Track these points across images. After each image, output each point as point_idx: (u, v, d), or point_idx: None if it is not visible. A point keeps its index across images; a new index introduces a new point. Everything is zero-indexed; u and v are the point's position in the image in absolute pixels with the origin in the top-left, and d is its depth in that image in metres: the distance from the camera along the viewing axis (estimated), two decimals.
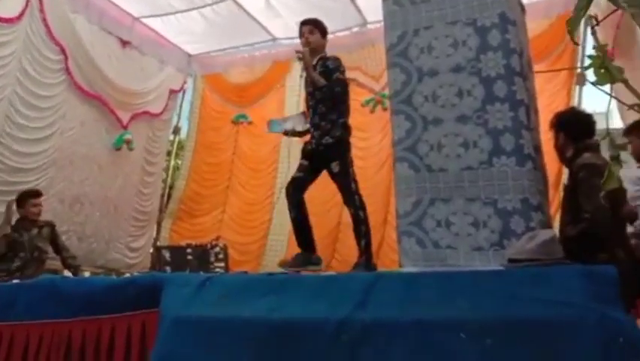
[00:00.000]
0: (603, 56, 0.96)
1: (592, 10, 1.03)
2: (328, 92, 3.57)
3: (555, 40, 5.96)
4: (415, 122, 2.50)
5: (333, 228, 7.14)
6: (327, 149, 3.64)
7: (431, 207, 2.42)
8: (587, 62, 1.12)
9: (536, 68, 3.05)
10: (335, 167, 3.63)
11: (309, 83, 3.69)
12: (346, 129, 3.70)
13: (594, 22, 1.05)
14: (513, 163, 2.29)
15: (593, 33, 1.11)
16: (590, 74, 1.06)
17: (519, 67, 2.37)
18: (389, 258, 6.45)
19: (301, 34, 3.81)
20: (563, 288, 1.69)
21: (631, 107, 1.04)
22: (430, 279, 2.04)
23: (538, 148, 2.47)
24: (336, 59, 3.70)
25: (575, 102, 5.88)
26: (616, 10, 0.93)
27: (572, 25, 1.02)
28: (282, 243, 7.38)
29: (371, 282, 2.08)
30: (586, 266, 1.90)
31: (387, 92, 6.61)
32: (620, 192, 2.58)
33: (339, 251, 7.07)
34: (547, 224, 2.35)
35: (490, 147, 2.33)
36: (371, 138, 7.09)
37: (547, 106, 4.87)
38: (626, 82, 1.03)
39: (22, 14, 5.54)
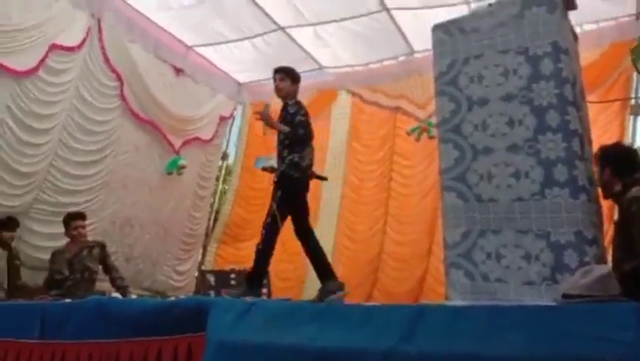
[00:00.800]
0: None
1: None
2: (291, 135, 3.91)
3: (607, 69, 5.81)
4: (464, 151, 2.46)
5: (375, 257, 7.07)
6: (275, 185, 4.02)
7: (481, 238, 2.36)
8: None
9: (588, 98, 2.97)
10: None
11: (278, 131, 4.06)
12: (294, 167, 3.96)
13: None
14: (566, 195, 2.22)
15: None
16: None
17: (572, 96, 2.31)
18: (434, 291, 6.31)
19: (274, 80, 4.16)
20: (618, 325, 1.61)
21: None
22: (479, 312, 1.98)
23: (592, 180, 2.39)
24: (296, 104, 4.05)
25: (629, 133, 5.68)
26: None
27: (637, 53, 0.99)
28: None
29: (417, 314, 2.03)
30: None
31: (433, 120, 6.60)
32: None
33: (381, 281, 6.97)
34: (602, 258, 2.25)
35: (542, 178, 2.27)
36: (416, 166, 7.04)
37: (600, 137, 4.71)
38: None
39: (82, 43, 5.85)
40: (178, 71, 6.99)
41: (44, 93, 5.54)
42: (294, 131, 3.91)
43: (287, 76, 4.18)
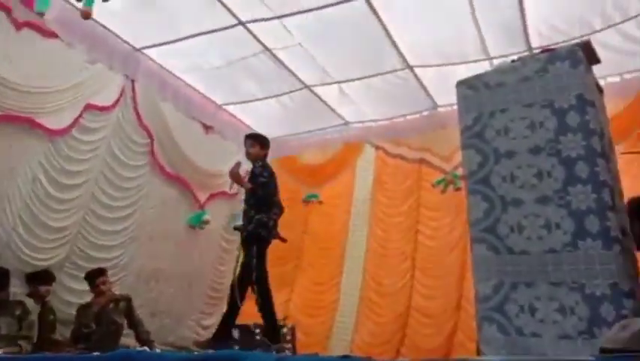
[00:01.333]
0: None
1: None
2: (252, 194, 4.42)
3: (634, 119, 5.80)
4: (494, 203, 2.47)
5: (403, 312, 6.94)
6: (244, 244, 4.49)
7: (513, 291, 2.33)
8: None
9: (616, 149, 2.97)
10: (240, 256, 4.51)
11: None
12: (263, 226, 4.43)
13: None
14: (599, 246, 2.19)
15: None
16: None
17: (600, 148, 2.33)
18: (464, 347, 6.14)
19: (244, 145, 4.80)
20: None
21: None
22: None
23: (625, 231, 2.36)
24: (262, 166, 4.59)
25: None
26: None
27: None
28: (349, 324, 7.24)
29: None
30: None
31: (459, 171, 6.61)
32: None
33: (409, 337, 6.81)
34: None
35: (573, 229, 2.26)
36: (442, 219, 7.01)
37: (631, 188, 4.66)
38: None
39: (116, 103, 6.11)
40: (207, 128, 7.21)
41: (76, 151, 5.74)
42: (255, 191, 4.40)
43: (256, 142, 4.79)
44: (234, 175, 4.53)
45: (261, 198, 4.43)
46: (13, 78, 5.04)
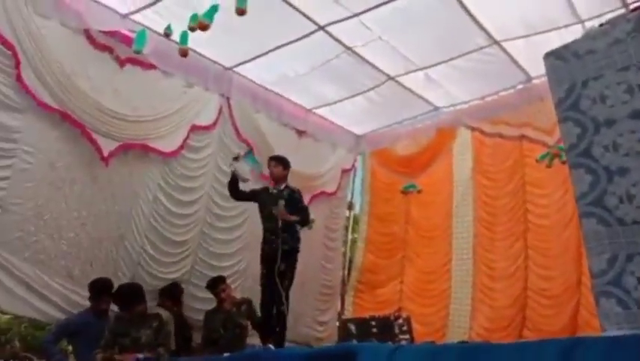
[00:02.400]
0: None
1: None
2: (301, 221, 5.27)
3: None
4: (598, 175, 2.37)
5: (520, 294, 6.72)
6: (287, 254, 5.12)
7: (629, 263, 2.23)
8: None
9: None
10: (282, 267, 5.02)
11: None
12: (299, 241, 5.26)
13: None
14: None
15: None
16: None
17: None
18: (589, 325, 5.83)
19: (269, 166, 5.47)
20: None
21: None
22: (637, 342, 1.86)
23: None
24: (296, 191, 5.37)
25: None
26: None
27: None
28: (464, 311, 7.14)
29: (570, 347, 1.96)
30: None
31: (563, 145, 6.28)
32: None
33: (530, 319, 6.58)
34: None
35: None
36: (552, 195, 6.69)
37: None
38: None
39: (216, 121, 6.55)
40: (300, 132, 7.46)
41: (188, 169, 6.25)
42: (304, 218, 5.30)
43: (279, 163, 5.41)
44: (284, 216, 5.10)
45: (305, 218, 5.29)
46: (124, 110, 5.60)
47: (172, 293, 5.65)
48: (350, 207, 8.71)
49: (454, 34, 5.82)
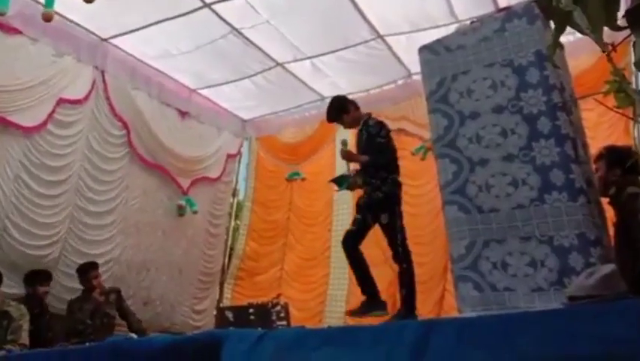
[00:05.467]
0: (621, 79, 0.97)
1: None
2: (374, 159, 4.00)
3: (604, 74, 5.82)
4: (461, 165, 2.51)
5: (392, 280, 7.01)
6: (381, 204, 4.00)
7: (485, 249, 2.38)
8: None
9: (590, 100, 3.01)
10: (384, 219, 3.99)
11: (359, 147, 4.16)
12: (395, 184, 4.06)
13: (609, 49, 1.07)
14: (565, 198, 2.25)
15: (609, 60, 1.12)
16: None
17: (561, 102, 2.36)
18: (454, 309, 6.22)
19: (336, 120, 4.43)
20: (626, 323, 1.61)
21: None
22: (488, 322, 1.98)
23: (590, 181, 2.41)
24: (377, 124, 4.18)
25: (635, 134, 5.68)
26: (629, 36, 0.95)
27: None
28: (340, 296, 7.32)
29: (426, 330, 2.04)
30: None
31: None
32: None
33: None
34: (607, 258, 2.26)
35: (539, 184, 2.30)
36: (424, 186, 7.04)
37: (607, 137, 4.74)
38: None
39: (88, 95, 6.03)
40: (183, 113, 7.15)
41: (55, 146, 5.68)
42: (376, 158, 3.99)
43: (341, 113, 4.35)
44: (347, 155, 4.18)
45: (389, 156, 4.07)
46: None
47: (41, 281, 5.15)
48: (234, 193, 8.55)
49: (341, 25, 5.90)
